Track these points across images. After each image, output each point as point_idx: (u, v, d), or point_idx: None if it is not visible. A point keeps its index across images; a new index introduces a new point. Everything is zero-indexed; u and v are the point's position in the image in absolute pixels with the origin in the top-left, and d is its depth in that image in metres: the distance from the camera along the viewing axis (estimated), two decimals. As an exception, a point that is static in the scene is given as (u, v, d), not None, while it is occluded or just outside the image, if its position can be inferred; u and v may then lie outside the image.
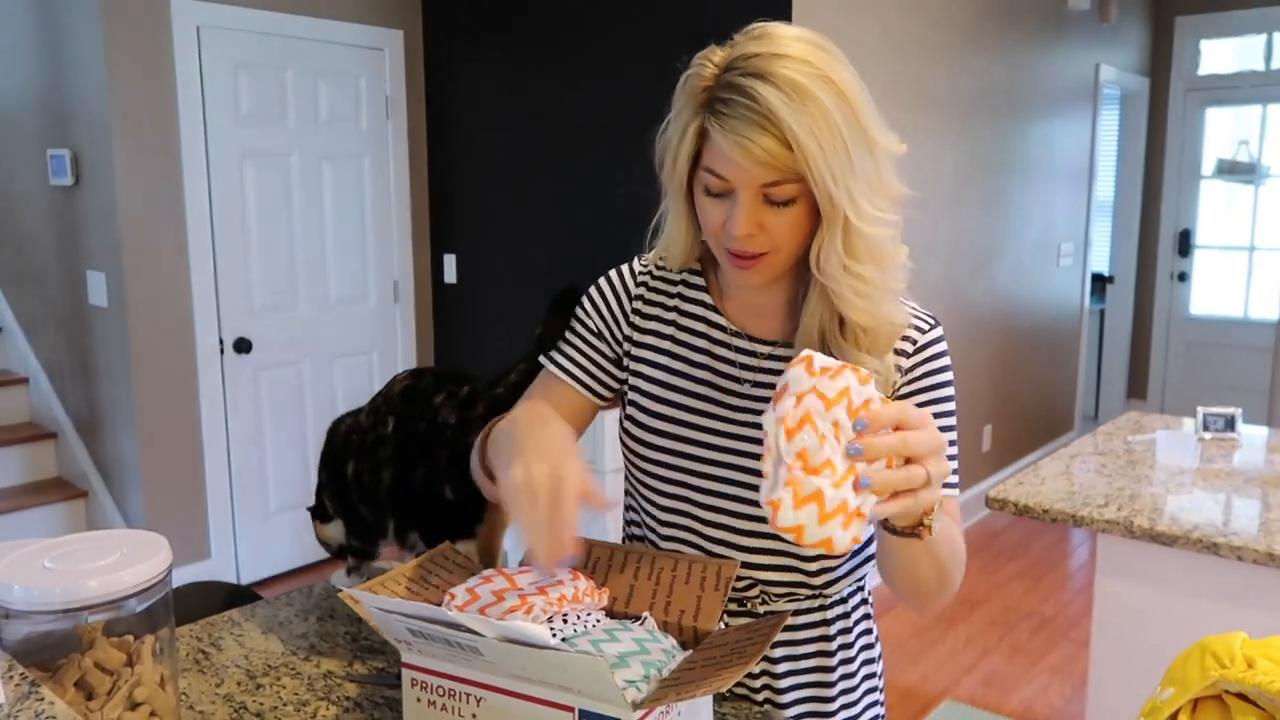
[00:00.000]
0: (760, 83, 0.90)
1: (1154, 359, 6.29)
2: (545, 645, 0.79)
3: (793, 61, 0.90)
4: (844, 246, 0.94)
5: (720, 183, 0.95)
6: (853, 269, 0.95)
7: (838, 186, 0.91)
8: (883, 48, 3.63)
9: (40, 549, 0.94)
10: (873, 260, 0.96)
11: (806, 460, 0.81)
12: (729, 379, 1.10)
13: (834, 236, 0.94)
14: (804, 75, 0.90)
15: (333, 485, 1.32)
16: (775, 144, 0.90)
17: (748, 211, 0.95)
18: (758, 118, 0.90)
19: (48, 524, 3.67)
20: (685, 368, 1.11)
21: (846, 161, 0.91)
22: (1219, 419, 2.39)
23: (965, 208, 4.31)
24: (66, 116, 3.52)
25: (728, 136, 0.91)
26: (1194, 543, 1.75)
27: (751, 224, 0.95)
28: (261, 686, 1.10)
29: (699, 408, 1.10)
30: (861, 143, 0.92)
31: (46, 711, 0.78)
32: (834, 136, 0.90)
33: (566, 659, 0.79)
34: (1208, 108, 5.96)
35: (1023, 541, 4.38)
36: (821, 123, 0.89)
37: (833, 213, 0.93)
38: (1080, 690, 3.02)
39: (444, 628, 0.83)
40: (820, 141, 0.89)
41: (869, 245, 0.95)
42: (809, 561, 1.11)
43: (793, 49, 0.91)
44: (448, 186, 4.26)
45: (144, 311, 3.42)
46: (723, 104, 0.92)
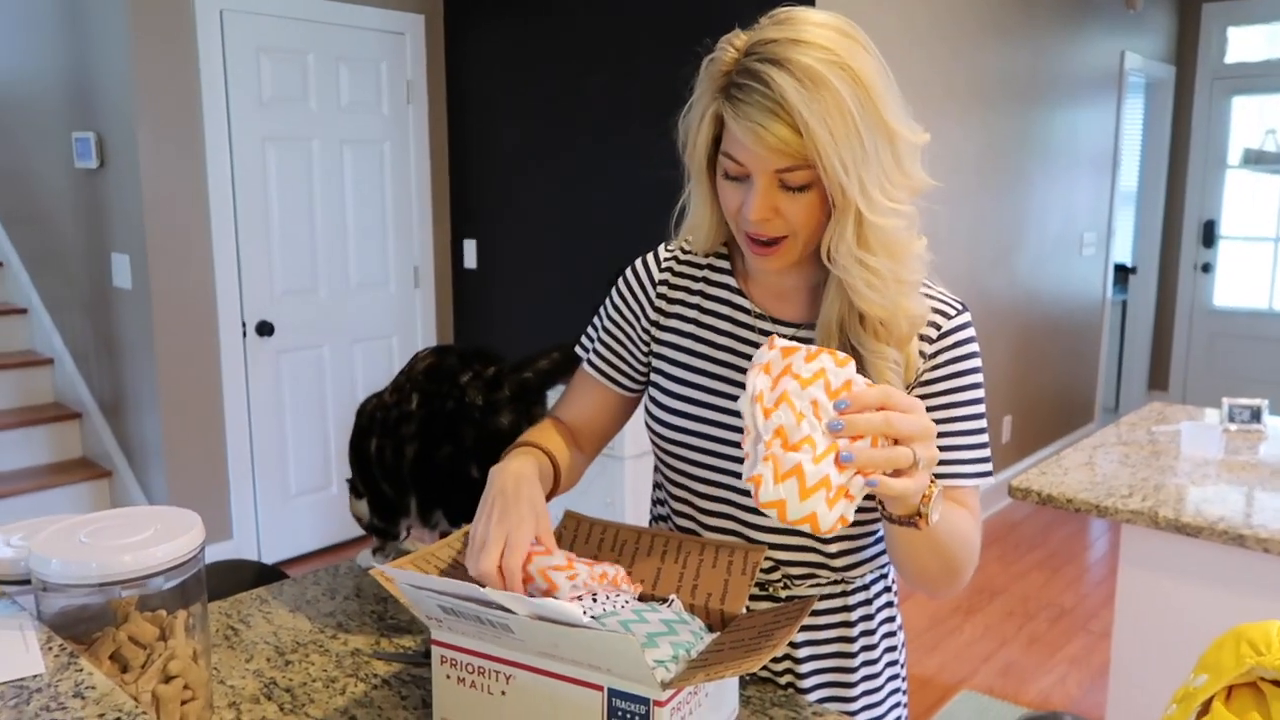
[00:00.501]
0: (776, 69, 0.90)
1: (1176, 351, 6.23)
2: (576, 623, 0.80)
3: (811, 48, 0.90)
4: (855, 237, 0.94)
5: (737, 167, 0.96)
6: (865, 260, 0.95)
7: (849, 176, 0.91)
8: (904, 34, 3.60)
9: (76, 524, 0.95)
10: (886, 252, 0.95)
11: (785, 438, 0.81)
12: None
13: (845, 227, 0.94)
14: (821, 63, 0.89)
15: (358, 462, 1.33)
16: (788, 131, 0.90)
17: (763, 196, 0.95)
18: (771, 104, 0.90)
19: (72, 503, 3.72)
20: (709, 350, 1.11)
21: (860, 151, 0.90)
22: (1245, 410, 2.37)
23: (987, 197, 4.28)
24: (91, 100, 3.55)
25: (741, 123, 0.92)
26: (1219, 534, 1.74)
27: (766, 208, 0.96)
28: (291, 663, 1.11)
29: (722, 389, 1.10)
30: (878, 132, 0.91)
31: (86, 681, 0.79)
32: (847, 125, 0.89)
33: (596, 637, 0.80)
34: (1234, 96, 5.88)
35: (1042, 532, 4.36)
36: (835, 111, 0.89)
37: (844, 203, 0.93)
38: (1098, 681, 3.02)
39: (475, 604, 0.84)
40: (832, 130, 0.89)
41: (881, 236, 0.94)
42: (828, 544, 1.11)
43: (813, 35, 0.91)
44: (468, 171, 4.26)
45: (167, 294, 3.45)
46: (738, 90, 0.92)
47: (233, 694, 1.04)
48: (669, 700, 0.83)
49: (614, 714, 0.84)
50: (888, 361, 1.00)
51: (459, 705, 0.92)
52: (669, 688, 0.82)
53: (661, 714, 0.83)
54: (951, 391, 1.06)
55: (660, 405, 1.13)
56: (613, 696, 0.84)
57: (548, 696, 0.87)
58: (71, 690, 0.79)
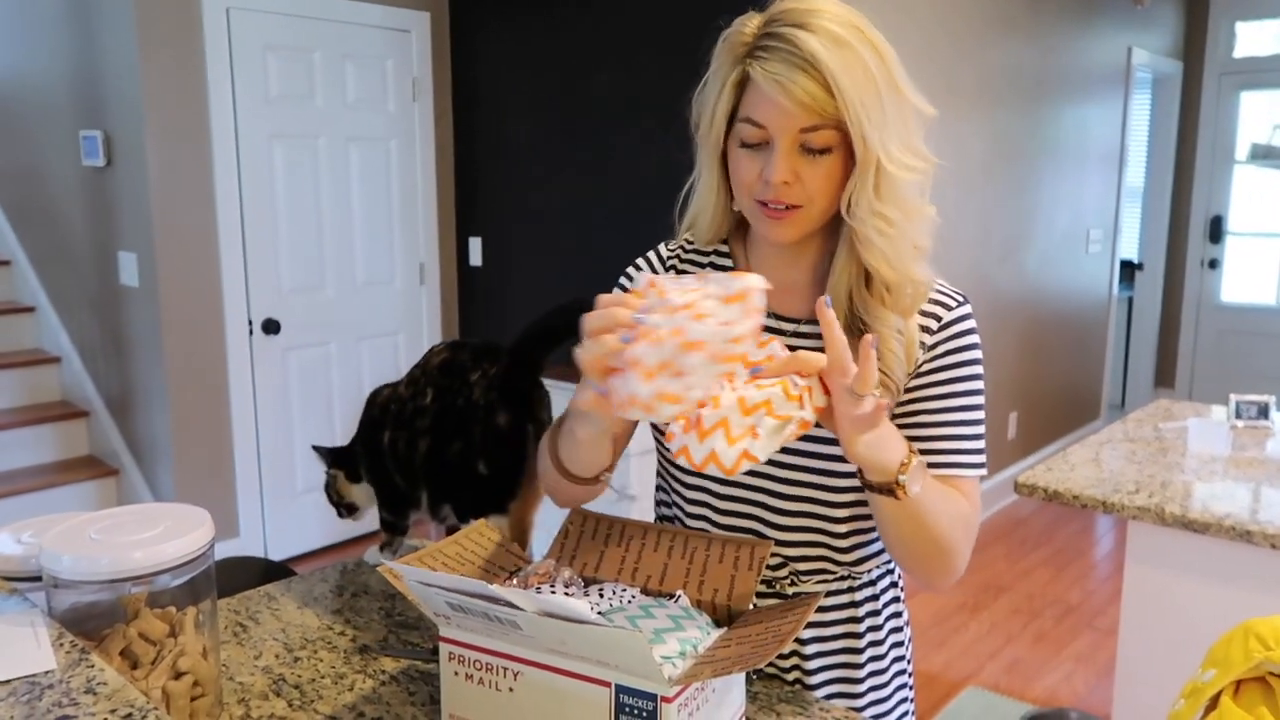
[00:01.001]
0: (801, 31, 0.93)
1: (1183, 347, 6.22)
2: (584, 619, 0.80)
3: (830, 17, 0.95)
4: (875, 189, 0.97)
5: (758, 132, 0.97)
6: (879, 210, 0.97)
7: (872, 128, 0.94)
8: (910, 30, 3.59)
9: (86, 521, 0.96)
10: (899, 206, 0.98)
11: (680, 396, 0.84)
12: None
13: (866, 179, 0.96)
14: (841, 27, 0.94)
15: (369, 454, 1.34)
16: (815, 86, 0.93)
17: (784, 158, 0.96)
18: (799, 60, 0.93)
19: (79, 502, 3.73)
20: None
21: (880, 109, 0.94)
22: (1252, 407, 2.36)
23: (994, 193, 4.27)
24: (98, 98, 3.56)
25: (769, 78, 0.94)
26: (1226, 530, 1.74)
27: (788, 171, 0.97)
28: (299, 659, 1.12)
29: None
30: (895, 96, 0.96)
31: (97, 678, 0.80)
32: (870, 83, 0.93)
33: (605, 633, 0.80)
34: (1242, 91, 5.86)
35: (1047, 529, 4.35)
36: (859, 69, 0.93)
37: (866, 155, 0.95)
38: (1104, 679, 3.01)
39: (484, 601, 0.84)
40: (858, 85, 0.93)
41: (896, 190, 0.97)
42: (840, 539, 1.11)
43: (830, 7, 0.96)
44: (474, 169, 4.27)
45: (174, 292, 3.46)
46: (764, 50, 0.95)
47: (242, 690, 1.05)
48: (677, 696, 0.83)
49: (622, 710, 0.85)
50: (892, 330, 1.02)
51: (467, 702, 0.93)
52: (677, 684, 0.83)
53: (669, 710, 0.83)
54: (952, 382, 1.06)
55: None
56: (620, 693, 0.84)
57: (556, 693, 0.87)
58: (83, 686, 0.79)
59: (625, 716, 0.84)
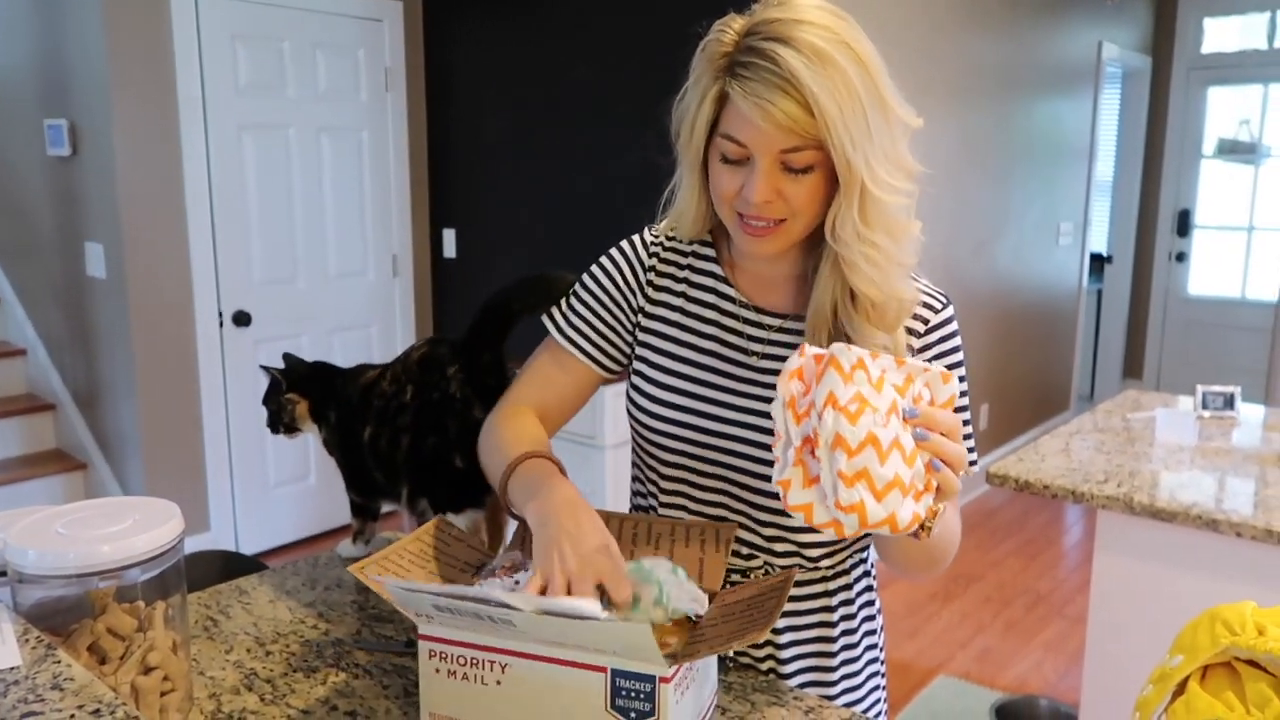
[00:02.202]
0: (782, 46, 0.90)
1: (1150, 339, 6.30)
2: (595, 617, 0.80)
3: (814, 27, 0.91)
4: (860, 213, 0.94)
5: (738, 149, 0.95)
6: (866, 236, 0.95)
7: (856, 151, 0.91)
8: (884, 25, 3.61)
9: (52, 515, 0.94)
10: (886, 230, 0.96)
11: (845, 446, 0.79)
12: (738, 350, 1.10)
13: (850, 203, 0.94)
14: (826, 40, 0.90)
15: (345, 443, 1.32)
16: (796, 108, 0.90)
17: (765, 177, 0.95)
18: (779, 80, 0.90)
19: (46, 496, 3.68)
20: (694, 339, 1.11)
21: (865, 128, 0.91)
22: (1218, 397, 2.40)
23: (966, 187, 4.30)
24: (64, 86, 3.49)
25: (749, 99, 0.91)
26: (1193, 519, 1.77)
27: (769, 190, 0.95)
28: (271, 653, 1.11)
29: (707, 379, 1.10)
30: (880, 111, 0.93)
31: (64, 673, 0.78)
32: (854, 101, 0.90)
33: (609, 628, 0.80)
34: (1210, 87, 5.94)
35: (1018, 519, 4.40)
36: (842, 87, 0.90)
37: (850, 178, 0.93)
38: (1073, 666, 3.05)
39: (476, 604, 0.83)
40: (840, 105, 0.90)
41: (883, 214, 0.95)
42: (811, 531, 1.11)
43: (813, 16, 0.92)
44: (447, 160, 4.24)
45: (143, 283, 3.41)
46: (744, 67, 0.92)
47: (213, 685, 1.04)
48: (674, 675, 0.83)
49: (618, 694, 0.84)
50: (878, 347, 1.00)
51: (449, 699, 0.91)
52: (673, 664, 0.82)
53: (667, 690, 0.83)
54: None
55: (646, 395, 1.13)
56: (616, 676, 0.84)
57: (547, 682, 0.86)
58: (49, 682, 0.78)
59: (621, 700, 0.84)
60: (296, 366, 1.37)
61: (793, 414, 0.83)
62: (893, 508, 0.78)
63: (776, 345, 1.09)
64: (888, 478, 0.78)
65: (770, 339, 1.09)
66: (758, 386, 1.08)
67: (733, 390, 1.09)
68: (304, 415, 1.36)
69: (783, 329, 1.09)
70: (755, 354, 1.09)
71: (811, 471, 0.81)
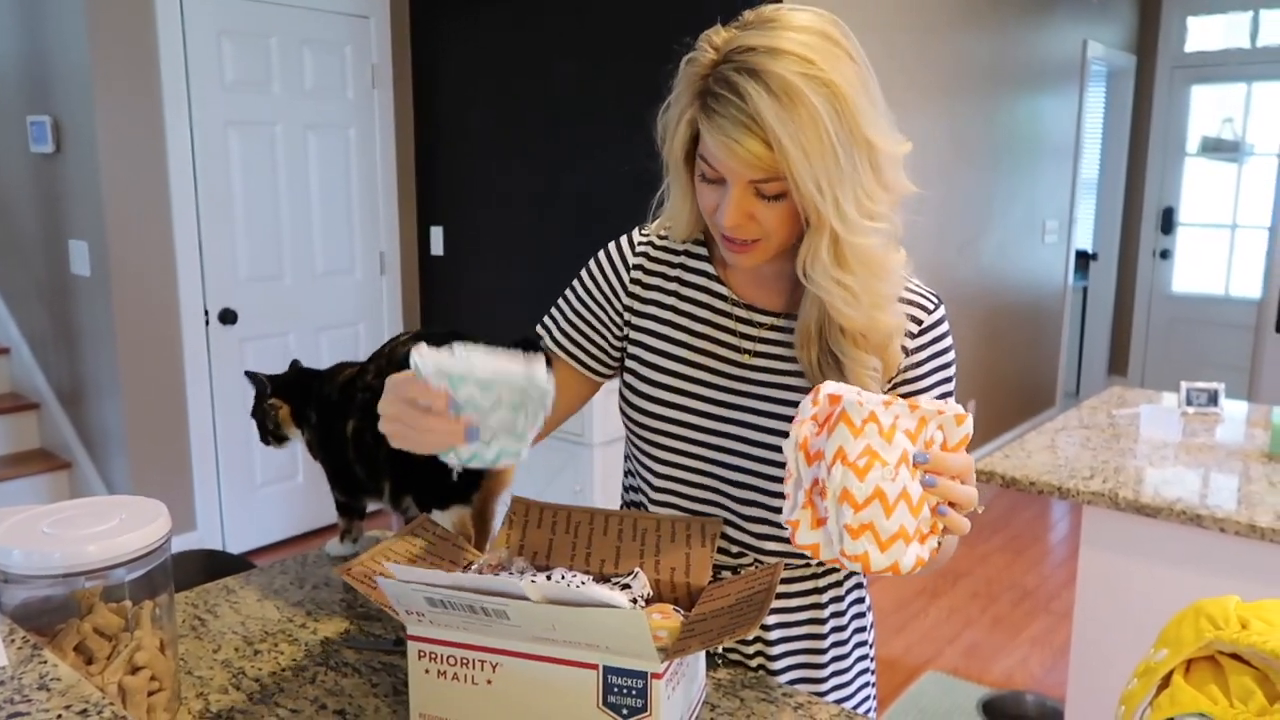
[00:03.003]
0: (752, 82, 0.88)
1: (1135, 336, 6.34)
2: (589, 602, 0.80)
3: (789, 59, 0.88)
4: (831, 256, 0.93)
5: (713, 171, 0.95)
6: (841, 280, 0.94)
7: (824, 197, 0.90)
8: (870, 23, 3.62)
9: (39, 514, 0.94)
10: (864, 269, 0.94)
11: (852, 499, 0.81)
12: (731, 349, 1.10)
13: (819, 245, 0.93)
14: (798, 76, 0.87)
15: (325, 437, 1.31)
16: (761, 146, 0.89)
17: (736, 204, 0.95)
18: (745, 119, 0.88)
19: (31, 496, 3.65)
20: (686, 337, 1.11)
21: (835, 168, 0.89)
22: (1202, 394, 2.41)
23: (952, 185, 4.32)
24: (47, 83, 3.47)
25: (715, 136, 0.91)
26: (1177, 514, 1.78)
27: (740, 215, 0.95)
28: (259, 652, 1.10)
29: (699, 377, 1.10)
30: (856, 147, 0.90)
31: (51, 674, 0.78)
32: (822, 144, 0.88)
33: (605, 615, 0.80)
34: (1193, 85, 5.98)
35: (1004, 515, 4.43)
36: (810, 128, 0.87)
37: (818, 222, 0.92)
38: (1060, 661, 3.07)
39: (471, 594, 0.82)
40: (806, 149, 0.88)
41: (859, 254, 0.93)
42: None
43: (793, 43, 0.89)
44: (435, 157, 4.22)
45: (127, 281, 3.39)
46: (714, 99, 0.91)
47: (200, 684, 1.03)
48: (665, 671, 0.83)
49: (610, 691, 0.84)
50: (867, 369, 1.01)
51: (439, 699, 0.91)
52: (665, 659, 0.82)
53: (659, 685, 0.83)
54: (934, 385, 1.08)
55: (639, 393, 1.13)
56: (609, 674, 0.84)
57: (538, 681, 0.86)
58: (36, 683, 0.77)
59: (614, 696, 0.84)
60: (269, 378, 1.37)
61: (804, 455, 0.84)
62: (896, 556, 0.80)
63: (769, 343, 1.09)
64: (892, 530, 0.80)
65: (763, 337, 1.10)
66: (750, 384, 1.09)
67: (725, 388, 1.09)
68: (287, 420, 1.35)
69: (775, 327, 1.09)
70: (748, 352, 1.09)
71: (820, 513, 0.83)
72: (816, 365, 1.03)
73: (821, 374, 1.02)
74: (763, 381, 1.08)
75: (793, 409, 1.06)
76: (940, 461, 0.83)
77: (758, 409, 1.08)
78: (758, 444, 1.08)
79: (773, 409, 1.08)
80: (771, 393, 1.08)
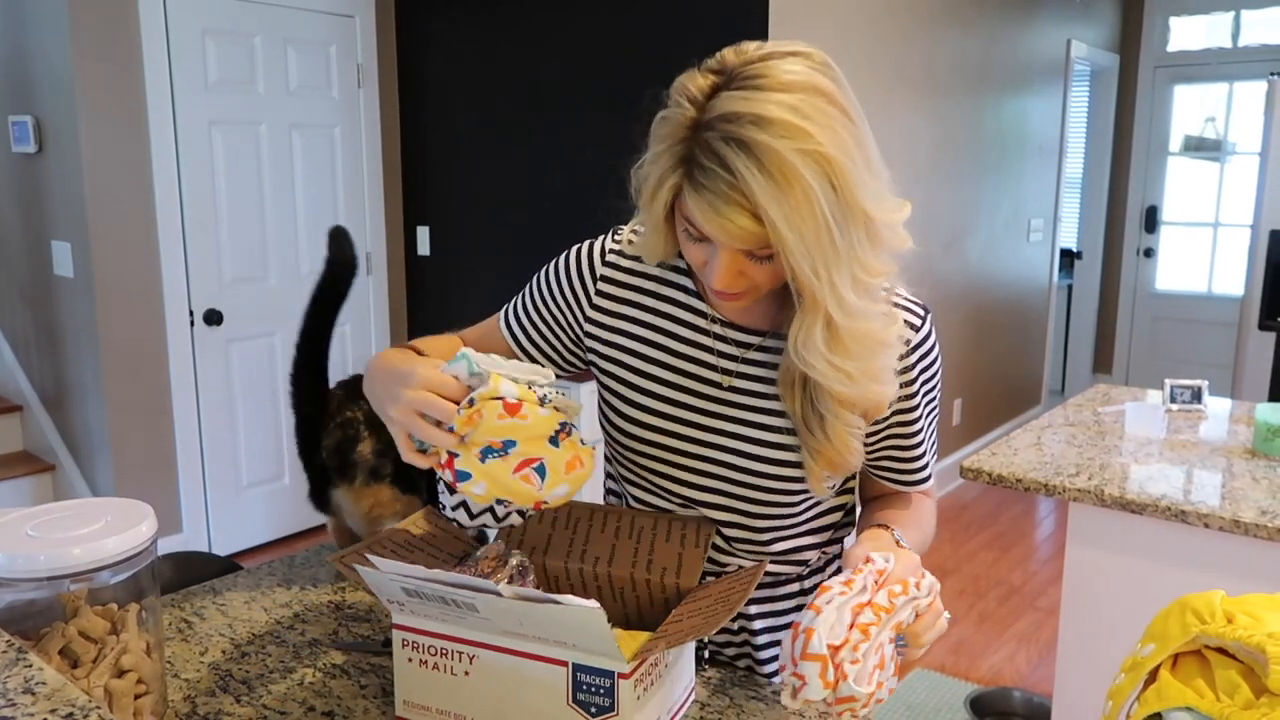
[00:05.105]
0: (741, 157, 0.82)
1: (1120, 334, 6.38)
2: (545, 599, 0.80)
3: (780, 129, 0.81)
4: (826, 339, 0.89)
5: (699, 233, 0.90)
6: (837, 363, 0.90)
7: (819, 280, 0.85)
8: (856, 23, 3.63)
9: (22, 517, 0.93)
10: (860, 349, 0.90)
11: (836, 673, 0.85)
12: (711, 369, 1.07)
13: (813, 326, 0.88)
14: (792, 151, 0.81)
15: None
16: (751, 222, 0.84)
17: (726, 268, 0.90)
18: (735, 194, 0.83)
19: (14, 498, 3.62)
20: (664, 356, 1.08)
21: (831, 250, 0.84)
22: (1186, 391, 2.43)
23: (937, 184, 4.34)
24: (29, 82, 3.44)
25: (705, 211, 0.85)
26: (1162, 511, 1.79)
27: (731, 276, 0.91)
28: (247, 655, 1.10)
29: (679, 400, 1.07)
30: (853, 224, 0.85)
31: (36, 677, 0.77)
32: (818, 223, 0.83)
33: (563, 611, 0.80)
34: (1176, 85, 6.02)
35: (991, 512, 4.45)
36: (805, 209, 0.82)
37: (813, 305, 0.87)
38: (1046, 657, 3.09)
39: (442, 585, 0.83)
40: (802, 232, 0.83)
41: (855, 338, 0.89)
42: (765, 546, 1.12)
43: (782, 110, 0.82)
44: (421, 157, 4.21)
45: (111, 282, 3.37)
46: (700, 170, 0.84)
47: (188, 687, 1.03)
48: (633, 672, 0.84)
49: (579, 689, 0.85)
50: (850, 427, 0.98)
51: (422, 688, 0.92)
52: (633, 659, 0.83)
53: (626, 685, 0.83)
54: (924, 405, 1.07)
55: (617, 412, 1.11)
56: (577, 671, 0.85)
57: (512, 674, 0.88)
58: (21, 687, 0.77)
59: (583, 694, 0.85)
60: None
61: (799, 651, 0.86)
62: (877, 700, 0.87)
63: (751, 364, 1.06)
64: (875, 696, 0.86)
65: (745, 358, 1.06)
66: (730, 408, 1.06)
67: (705, 411, 1.07)
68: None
69: (762, 347, 1.05)
70: (730, 374, 1.06)
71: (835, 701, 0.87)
72: (799, 413, 1.00)
73: (804, 423, 0.99)
74: (744, 405, 1.05)
75: (773, 434, 1.04)
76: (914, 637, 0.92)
77: (738, 433, 1.06)
78: (736, 467, 1.06)
79: (754, 434, 1.05)
80: (753, 416, 1.05)
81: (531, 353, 1.15)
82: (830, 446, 0.98)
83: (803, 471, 1.05)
